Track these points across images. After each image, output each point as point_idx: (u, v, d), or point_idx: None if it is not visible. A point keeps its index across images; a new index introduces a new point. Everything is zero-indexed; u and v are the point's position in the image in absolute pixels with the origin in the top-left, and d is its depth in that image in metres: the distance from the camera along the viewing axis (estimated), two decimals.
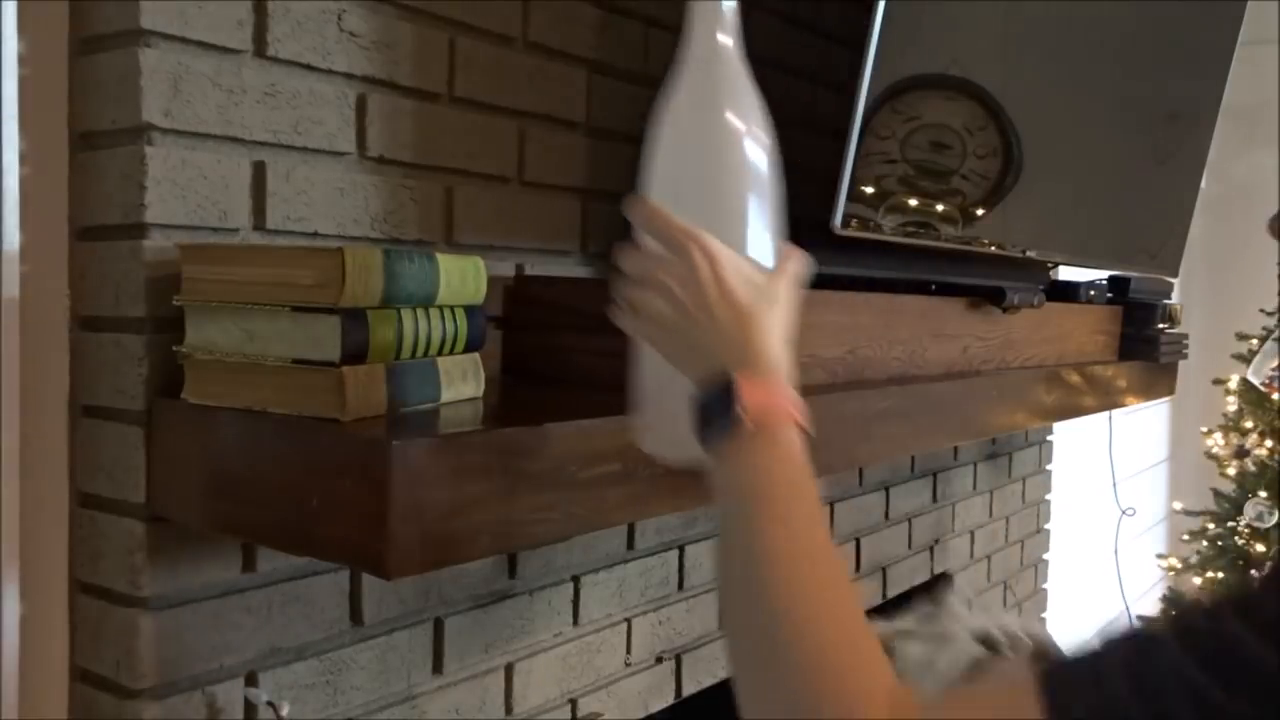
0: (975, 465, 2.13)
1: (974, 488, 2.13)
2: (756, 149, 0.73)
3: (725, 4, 0.73)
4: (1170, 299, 2.03)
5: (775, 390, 0.65)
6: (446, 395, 0.87)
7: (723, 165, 0.72)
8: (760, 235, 0.73)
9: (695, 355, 0.66)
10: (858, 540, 1.75)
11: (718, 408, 0.63)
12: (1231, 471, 3.63)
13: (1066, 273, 1.92)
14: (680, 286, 0.66)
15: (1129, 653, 0.50)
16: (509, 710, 1.15)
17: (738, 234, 0.71)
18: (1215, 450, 3.68)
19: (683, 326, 0.67)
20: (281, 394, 0.79)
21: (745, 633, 0.59)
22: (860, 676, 0.55)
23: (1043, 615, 2.55)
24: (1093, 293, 1.84)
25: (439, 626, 1.07)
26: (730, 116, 0.72)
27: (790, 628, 0.56)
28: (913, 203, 1.27)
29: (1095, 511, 3.13)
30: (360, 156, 0.97)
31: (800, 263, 0.71)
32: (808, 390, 1.14)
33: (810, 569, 0.59)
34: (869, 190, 1.18)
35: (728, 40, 0.73)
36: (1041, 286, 1.58)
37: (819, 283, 1.19)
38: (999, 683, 0.55)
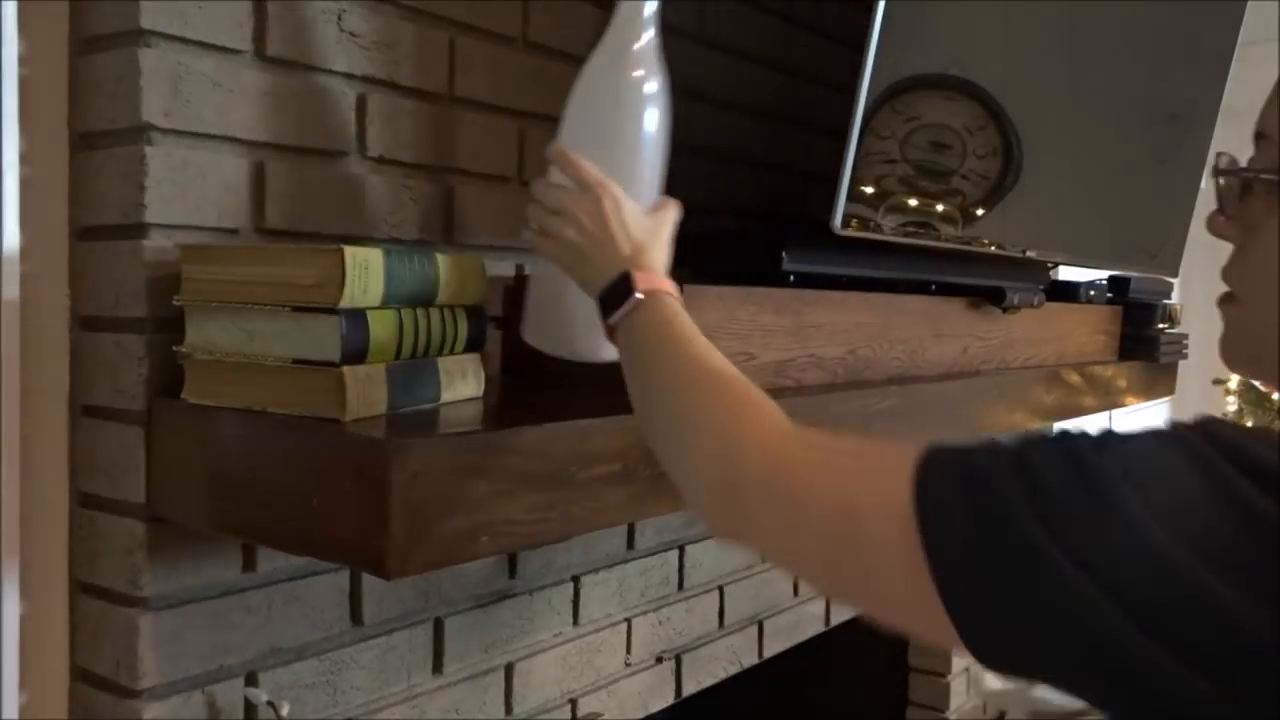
0: None
1: None
2: (653, 111, 0.87)
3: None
4: (1170, 299, 2.03)
5: (660, 278, 0.81)
6: (446, 395, 0.87)
7: (624, 119, 0.86)
8: (648, 178, 0.88)
9: (595, 272, 0.82)
10: None
11: (618, 292, 0.79)
12: None
13: (1066, 273, 1.92)
14: (589, 219, 0.82)
15: (998, 448, 0.58)
16: (509, 710, 1.15)
17: (631, 173, 0.85)
18: None
19: (587, 250, 0.82)
20: (281, 394, 0.79)
21: (668, 419, 0.75)
22: (753, 421, 0.70)
23: None
24: (1093, 293, 1.84)
25: (439, 626, 1.07)
26: (634, 79, 0.86)
27: (701, 404, 0.73)
28: (913, 203, 1.27)
29: None
30: (360, 156, 0.97)
31: (676, 210, 0.87)
32: (808, 390, 1.15)
33: (708, 365, 0.75)
34: (869, 190, 1.18)
35: (645, 21, 0.86)
36: (1041, 286, 1.58)
37: (819, 283, 1.20)
38: (889, 440, 0.66)
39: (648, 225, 0.84)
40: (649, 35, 0.86)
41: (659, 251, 0.84)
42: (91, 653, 0.88)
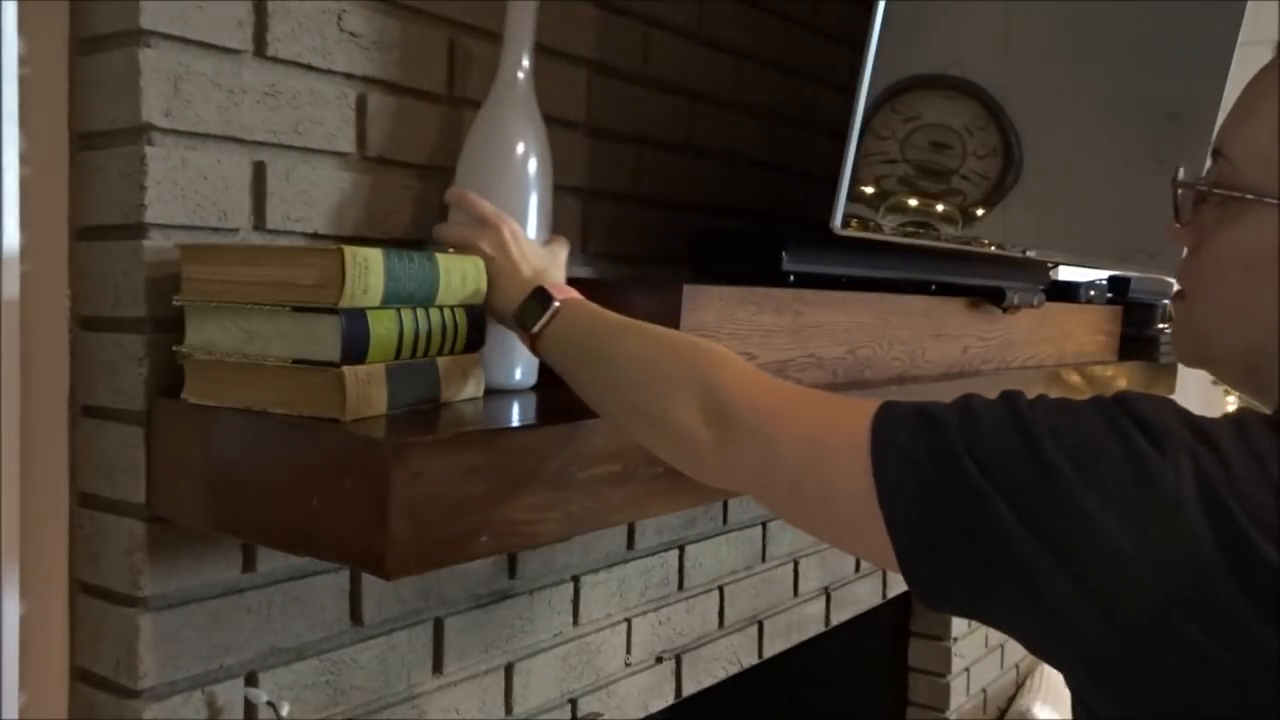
0: None
1: None
2: (535, 161, 0.98)
3: (523, 52, 0.97)
4: (1170, 299, 2.03)
5: (568, 289, 0.88)
6: (446, 395, 0.87)
7: (510, 170, 0.97)
8: (534, 218, 0.98)
9: (503, 296, 0.89)
10: None
11: (536, 305, 0.86)
12: None
13: (1066, 273, 1.92)
14: (491, 248, 0.90)
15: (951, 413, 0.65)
16: (509, 710, 1.15)
17: (519, 214, 0.96)
18: None
19: (493, 277, 0.89)
20: (281, 394, 0.79)
21: (635, 385, 0.79)
22: (722, 364, 0.76)
23: None
24: (1093, 293, 1.84)
25: (439, 626, 1.07)
26: (519, 142, 0.97)
27: (666, 360, 0.78)
28: (913, 203, 1.27)
29: None
30: (360, 156, 0.97)
31: (566, 245, 0.97)
32: None
33: (656, 331, 0.82)
34: (869, 190, 1.18)
35: (522, 81, 0.97)
36: (1041, 286, 1.58)
37: (819, 283, 1.20)
38: (854, 396, 0.72)
39: (544, 253, 0.93)
40: (523, 88, 0.97)
41: (558, 273, 0.92)
42: (91, 653, 0.88)
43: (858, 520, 0.65)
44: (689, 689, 1.41)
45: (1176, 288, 0.77)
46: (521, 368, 0.98)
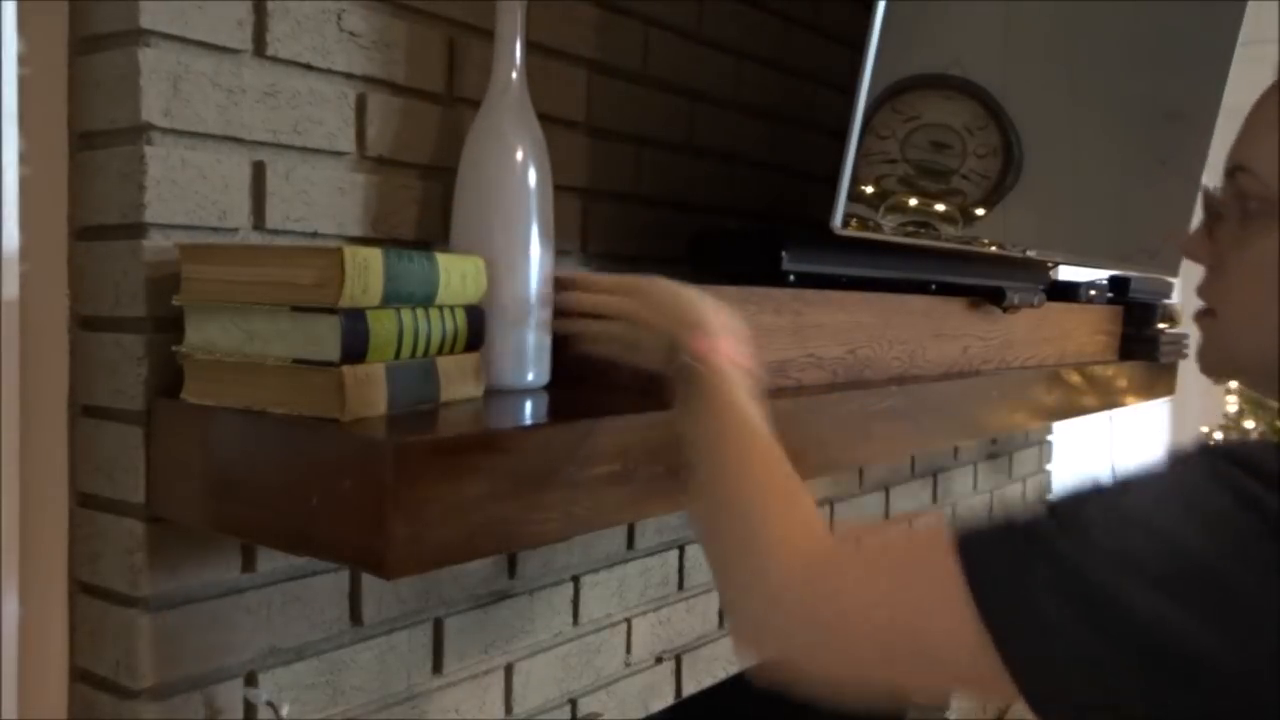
0: (975, 465, 2.13)
1: (974, 488, 2.13)
2: (534, 163, 0.97)
3: (515, 53, 0.97)
4: (1170, 299, 2.03)
5: (720, 343, 0.83)
6: (446, 395, 0.87)
7: (510, 175, 0.96)
8: (535, 221, 0.97)
9: (658, 354, 0.85)
10: None
11: (679, 366, 0.81)
12: None
13: (1066, 273, 1.92)
14: (646, 310, 0.86)
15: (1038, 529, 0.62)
16: (509, 710, 1.15)
17: (521, 217, 0.95)
18: None
19: (647, 339, 0.87)
20: (281, 394, 0.79)
21: (718, 521, 0.76)
22: (789, 537, 0.71)
23: None
24: (1093, 293, 1.84)
25: (439, 626, 1.07)
26: (517, 146, 0.96)
27: (738, 510, 0.74)
28: (913, 202, 1.27)
29: None
30: (360, 156, 0.97)
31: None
32: (808, 391, 1.15)
33: (754, 470, 0.76)
34: (869, 190, 1.18)
35: (516, 82, 0.97)
36: (1041, 286, 1.58)
37: (819, 283, 1.20)
38: (912, 531, 0.68)
39: (690, 294, 0.87)
40: (517, 89, 0.97)
41: (710, 312, 0.86)
42: (91, 653, 0.88)
43: (968, 669, 0.62)
44: (689, 689, 1.41)
45: (1202, 306, 0.77)
46: (534, 368, 0.97)
